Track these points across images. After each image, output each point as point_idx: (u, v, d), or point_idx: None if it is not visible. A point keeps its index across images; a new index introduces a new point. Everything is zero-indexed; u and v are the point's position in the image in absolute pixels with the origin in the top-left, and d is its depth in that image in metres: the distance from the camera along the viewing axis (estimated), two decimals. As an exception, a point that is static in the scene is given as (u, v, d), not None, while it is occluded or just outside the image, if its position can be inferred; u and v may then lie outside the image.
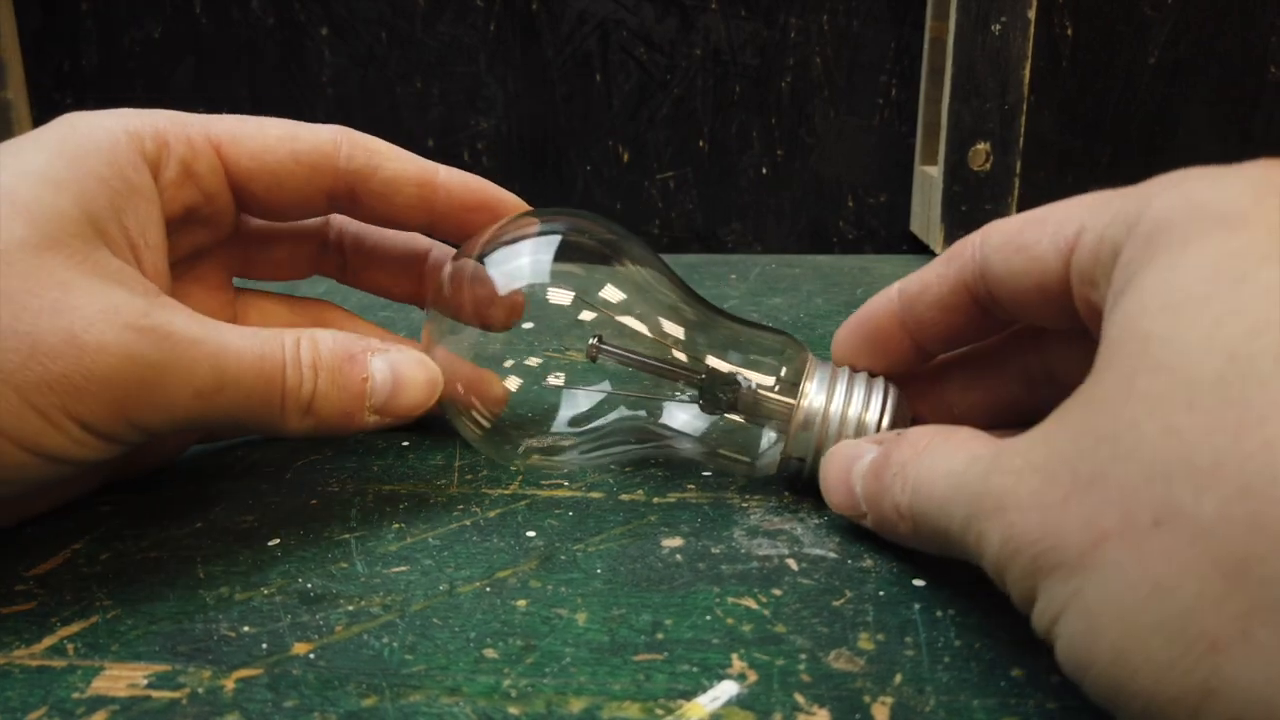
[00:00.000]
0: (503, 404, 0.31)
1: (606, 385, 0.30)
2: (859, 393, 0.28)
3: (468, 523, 0.28)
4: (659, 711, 0.21)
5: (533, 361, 0.30)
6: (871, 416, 0.28)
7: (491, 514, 0.29)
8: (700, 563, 0.26)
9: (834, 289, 0.55)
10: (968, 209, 0.61)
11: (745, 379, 0.29)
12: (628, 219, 0.71)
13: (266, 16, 0.67)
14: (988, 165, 0.60)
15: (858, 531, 0.28)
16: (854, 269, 0.61)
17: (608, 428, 0.30)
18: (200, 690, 0.21)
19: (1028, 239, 0.24)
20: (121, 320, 0.23)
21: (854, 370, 0.29)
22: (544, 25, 0.68)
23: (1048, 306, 0.24)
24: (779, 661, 0.22)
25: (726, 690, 0.21)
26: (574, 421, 0.30)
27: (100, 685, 0.21)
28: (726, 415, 0.29)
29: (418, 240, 0.34)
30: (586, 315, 0.30)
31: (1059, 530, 0.18)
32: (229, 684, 0.21)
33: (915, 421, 0.29)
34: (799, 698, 0.21)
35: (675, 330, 0.30)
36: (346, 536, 0.28)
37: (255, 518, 0.29)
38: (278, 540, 0.28)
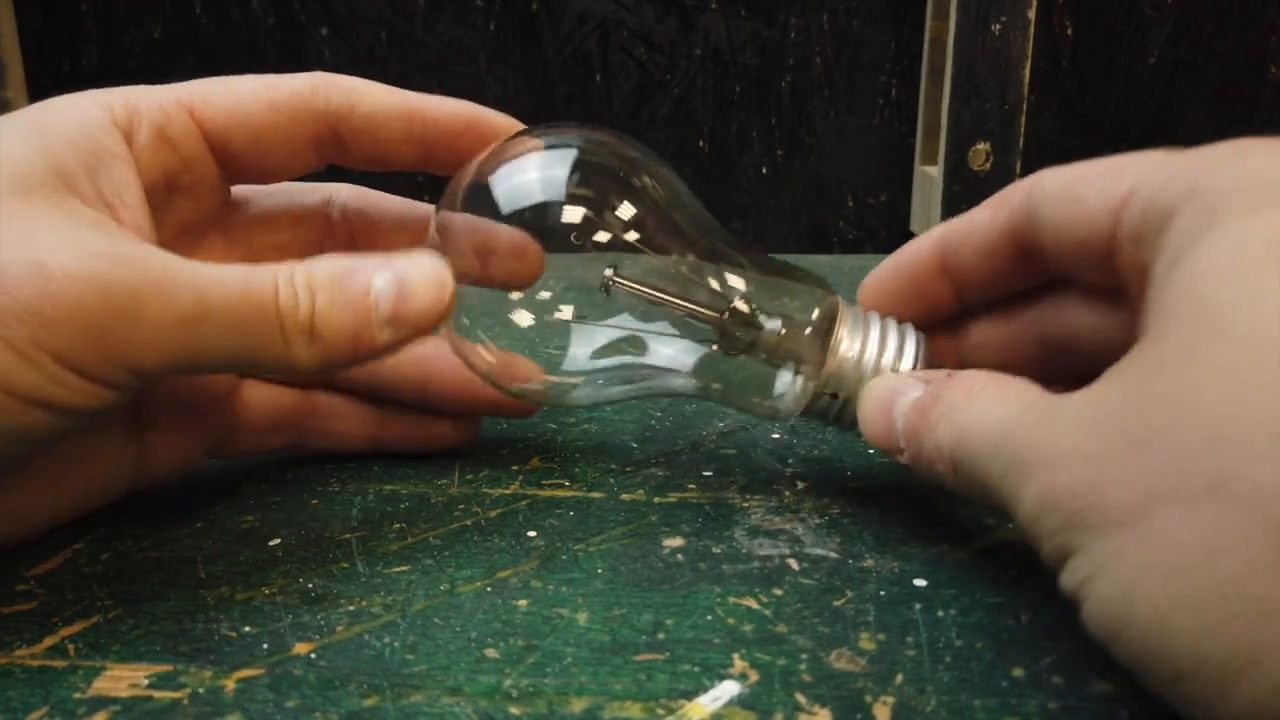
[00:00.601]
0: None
1: (619, 320, 0.28)
2: (892, 337, 0.28)
3: (469, 522, 0.28)
4: (660, 711, 0.21)
5: (543, 294, 0.28)
6: (906, 363, 0.27)
7: (492, 514, 0.29)
8: (701, 562, 0.26)
9: (834, 288, 0.55)
10: (968, 209, 0.61)
11: (769, 318, 0.28)
12: (628, 219, 0.71)
13: (266, 16, 0.67)
14: (988, 165, 0.60)
15: (859, 531, 0.28)
16: (854, 269, 0.61)
17: (619, 365, 0.29)
18: (201, 690, 0.21)
19: (1080, 190, 0.24)
20: (91, 250, 0.22)
21: (883, 315, 0.28)
22: (544, 25, 0.68)
23: (1090, 260, 0.24)
24: (780, 661, 0.22)
25: (728, 690, 0.21)
26: (583, 359, 0.29)
27: (101, 685, 0.21)
28: (746, 356, 0.28)
29: (420, 206, 0.33)
30: (602, 236, 0.27)
31: (1106, 488, 0.18)
32: (230, 684, 0.21)
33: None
34: (800, 697, 0.21)
35: (696, 264, 0.28)
36: (347, 536, 0.28)
37: (256, 517, 0.29)
38: (278, 540, 0.28)
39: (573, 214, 0.27)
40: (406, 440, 0.32)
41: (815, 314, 0.28)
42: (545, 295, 0.28)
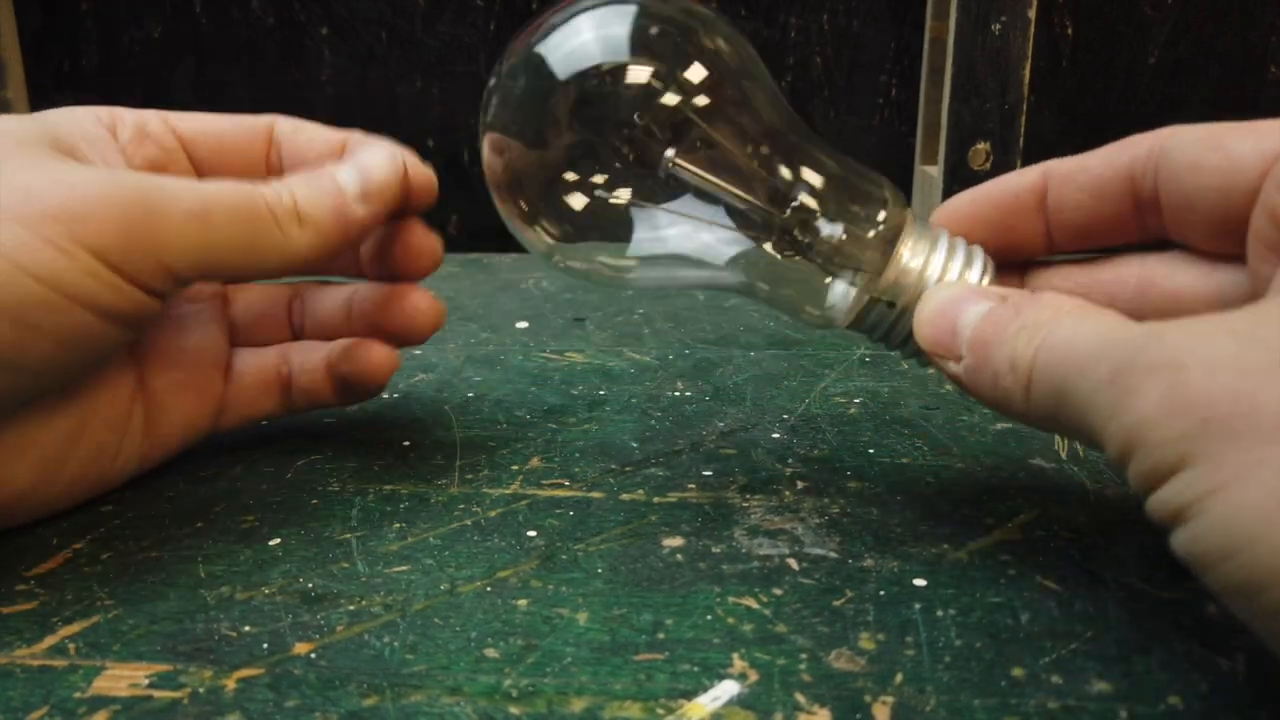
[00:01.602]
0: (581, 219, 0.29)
1: (679, 205, 0.26)
2: (959, 256, 0.26)
3: (469, 522, 0.28)
4: (660, 711, 0.21)
5: (600, 177, 0.27)
6: (973, 276, 0.26)
7: (492, 514, 0.29)
8: (701, 562, 0.26)
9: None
10: (968, 209, 0.61)
11: (830, 222, 0.26)
12: (628, 219, 0.71)
13: (266, 16, 0.67)
14: (988, 165, 0.60)
15: (858, 531, 0.28)
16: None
17: (671, 255, 0.28)
18: (201, 690, 0.21)
19: (1231, 140, 0.23)
20: (98, 169, 0.25)
21: (952, 236, 0.27)
22: (544, 25, 0.68)
23: (1217, 212, 0.23)
24: (780, 661, 0.22)
25: (727, 690, 0.21)
26: (636, 244, 0.27)
27: (101, 685, 0.21)
28: (803, 258, 0.27)
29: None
30: (670, 98, 0.25)
31: (1258, 395, 0.17)
32: (230, 684, 0.21)
33: None
34: (800, 697, 0.21)
35: (763, 152, 0.26)
36: (347, 536, 0.28)
37: (256, 517, 0.29)
38: (278, 540, 0.28)
39: (637, 74, 0.26)
40: (357, 375, 0.33)
41: (881, 222, 0.26)
42: (602, 177, 0.26)
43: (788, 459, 0.33)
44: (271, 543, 0.27)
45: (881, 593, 0.25)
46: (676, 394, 0.38)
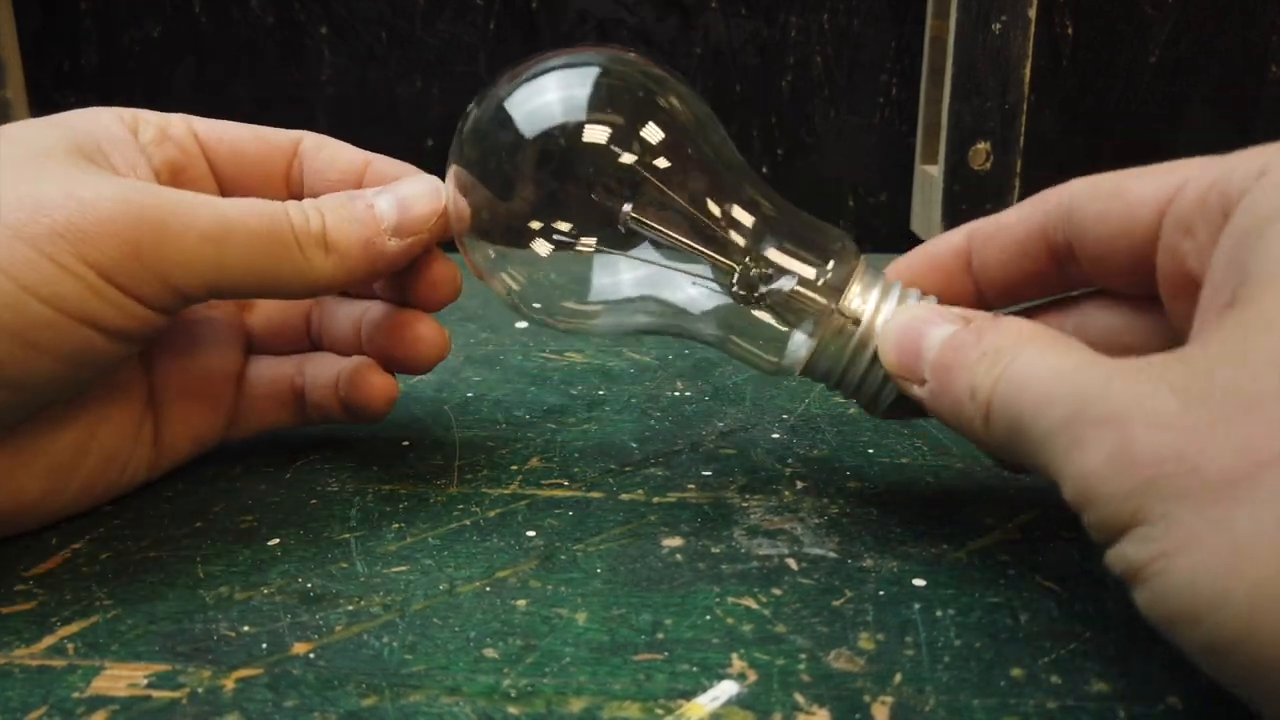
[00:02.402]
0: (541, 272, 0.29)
1: (639, 253, 0.27)
2: (911, 302, 0.26)
3: (468, 522, 0.28)
4: (659, 711, 0.21)
5: (562, 225, 0.27)
6: None
7: (491, 514, 0.29)
8: (700, 562, 0.26)
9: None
10: (968, 208, 0.61)
11: (783, 273, 0.27)
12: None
13: (266, 16, 0.67)
14: (988, 165, 0.60)
15: (858, 531, 0.28)
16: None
17: (631, 301, 0.28)
18: (200, 690, 0.21)
19: (1125, 186, 0.24)
20: (116, 184, 0.24)
21: (905, 287, 0.27)
22: (544, 24, 0.68)
23: (1127, 259, 0.24)
24: (779, 661, 0.22)
25: (726, 690, 0.21)
26: (597, 290, 0.28)
27: (100, 685, 0.21)
28: (757, 309, 0.27)
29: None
30: (627, 158, 0.26)
31: (1200, 453, 0.17)
32: (229, 684, 0.21)
33: None
34: (799, 697, 0.21)
35: (717, 208, 0.27)
36: (346, 536, 0.28)
37: (255, 517, 0.29)
38: (277, 540, 0.28)
39: (596, 134, 0.27)
40: (358, 392, 0.32)
41: (830, 271, 0.27)
42: (565, 225, 0.27)
43: (787, 459, 0.32)
44: (270, 543, 0.27)
45: (881, 593, 0.25)
46: (676, 394, 0.38)
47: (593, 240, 0.27)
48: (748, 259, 0.27)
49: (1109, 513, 0.18)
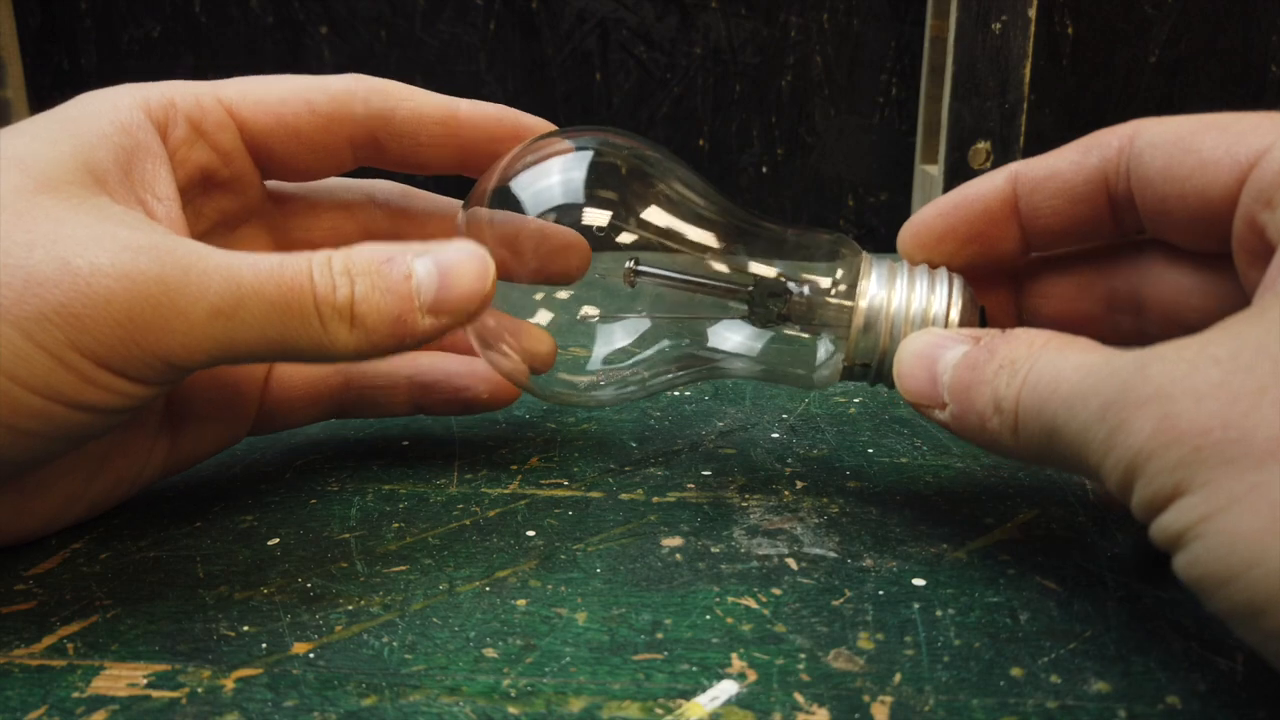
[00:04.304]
0: (550, 363, 0.29)
1: (647, 312, 0.28)
2: (921, 287, 0.26)
3: (467, 522, 0.28)
4: (659, 711, 0.21)
5: (563, 294, 0.28)
6: (938, 309, 0.26)
7: (491, 513, 0.29)
8: (700, 562, 0.26)
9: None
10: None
11: (796, 285, 0.27)
12: (628, 218, 0.71)
13: (265, 15, 0.67)
14: (988, 164, 0.60)
15: (858, 531, 0.28)
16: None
17: (653, 358, 0.29)
18: (200, 690, 0.21)
19: (1202, 142, 0.23)
20: (119, 244, 0.21)
21: (913, 265, 0.27)
22: (543, 23, 0.68)
23: (1197, 217, 0.23)
24: (778, 661, 0.22)
25: (726, 690, 0.21)
26: (614, 357, 0.28)
27: (100, 685, 0.21)
28: (780, 327, 0.28)
29: (458, 203, 0.33)
30: (626, 237, 0.27)
31: (1246, 421, 0.17)
32: (229, 683, 0.21)
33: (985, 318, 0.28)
34: (798, 697, 0.21)
35: (714, 242, 0.28)
36: (346, 536, 0.28)
37: (255, 517, 0.29)
38: (277, 540, 0.28)
39: (596, 216, 0.27)
40: (447, 408, 0.33)
41: (839, 274, 0.27)
42: (565, 294, 0.28)
43: (787, 459, 0.32)
44: (270, 542, 0.27)
45: (880, 592, 0.25)
46: (676, 394, 0.38)
47: (597, 310, 0.28)
48: (757, 282, 0.27)
49: (1156, 487, 0.18)
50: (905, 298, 0.26)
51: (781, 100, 0.69)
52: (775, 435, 0.34)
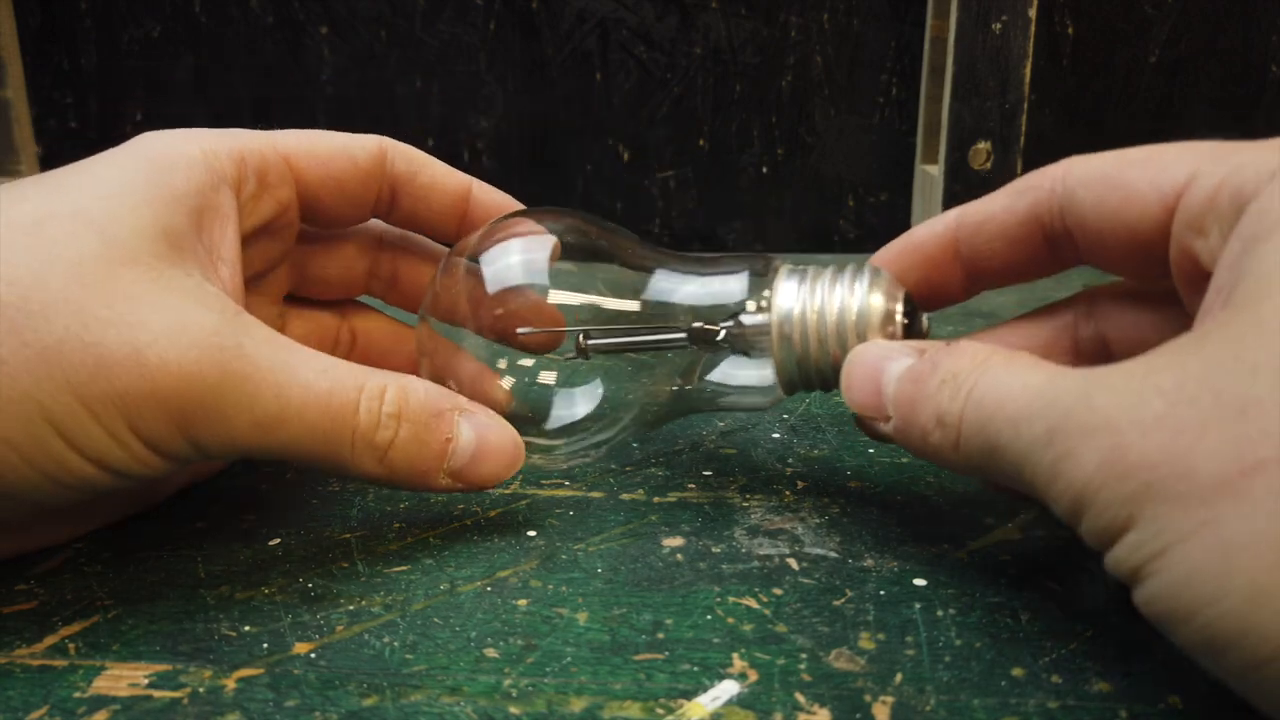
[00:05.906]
0: (505, 407, 0.30)
1: (599, 380, 0.30)
2: (839, 288, 0.27)
3: (468, 522, 0.28)
4: (660, 711, 0.21)
5: (526, 362, 0.30)
6: (858, 303, 0.26)
7: (492, 513, 0.29)
8: (701, 562, 0.26)
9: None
10: (968, 208, 0.61)
11: (726, 320, 0.28)
12: (628, 218, 0.71)
13: (265, 15, 0.67)
14: (988, 164, 0.60)
15: (858, 531, 0.28)
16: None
17: (616, 416, 0.30)
18: (201, 690, 0.21)
19: (1128, 177, 0.23)
20: (188, 338, 0.23)
21: (837, 269, 0.28)
22: (544, 23, 0.68)
23: (1132, 250, 0.23)
24: (780, 661, 0.22)
25: (727, 690, 0.21)
26: (583, 420, 0.30)
27: (101, 684, 0.21)
28: (724, 351, 0.29)
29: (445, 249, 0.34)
30: (576, 301, 0.30)
31: (1191, 456, 0.17)
32: (230, 683, 0.21)
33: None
34: (799, 697, 0.21)
35: (633, 305, 0.29)
36: (347, 536, 0.28)
37: (256, 517, 0.29)
38: (278, 539, 0.28)
39: (553, 294, 0.29)
40: None
41: (766, 294, 0.28)
42: (528, 363, 0.30)
43: (788, 459, 0.32)
44: (271, 542, 0.27)
45: (881, 592, 0.25)
46: (676, 393, 0.38)
47: (554, 373, 0.30)
48: (689, 330, 0.29)
49: (1107, 519, 0.18)
50: (819, 302, 0.27)
51: (781, 100, 0.69)
52: (776, 435, 0.34)
